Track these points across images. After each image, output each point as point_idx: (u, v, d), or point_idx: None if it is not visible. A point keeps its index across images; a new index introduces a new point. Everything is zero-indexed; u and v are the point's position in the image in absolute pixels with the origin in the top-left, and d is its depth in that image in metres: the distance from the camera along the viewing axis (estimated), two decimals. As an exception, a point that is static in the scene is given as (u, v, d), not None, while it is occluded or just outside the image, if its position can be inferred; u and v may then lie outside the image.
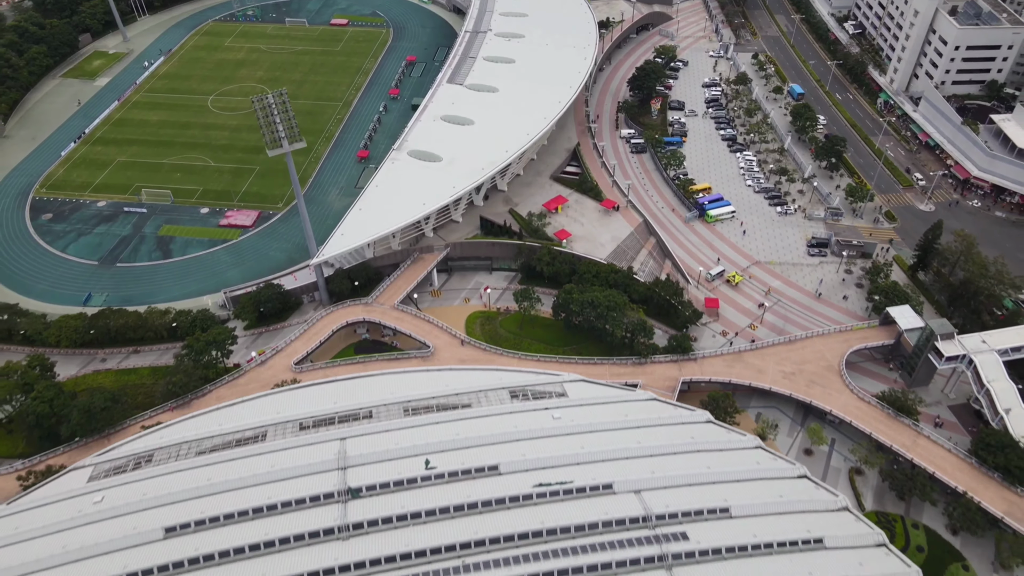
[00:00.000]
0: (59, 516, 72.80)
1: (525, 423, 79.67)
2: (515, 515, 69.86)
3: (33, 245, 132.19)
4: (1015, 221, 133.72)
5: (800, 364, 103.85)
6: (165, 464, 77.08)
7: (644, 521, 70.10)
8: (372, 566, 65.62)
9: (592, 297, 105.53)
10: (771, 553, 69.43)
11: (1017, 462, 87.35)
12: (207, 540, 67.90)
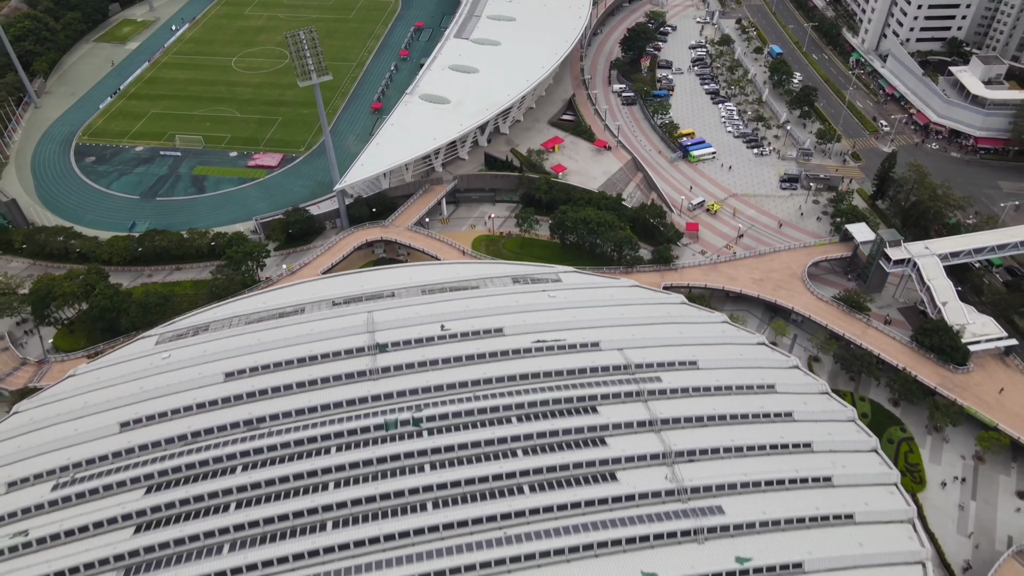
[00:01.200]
0: (134, 368, 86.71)
1: (525, 299, 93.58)
2: (517, 363, 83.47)
3: (80, 183, 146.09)
4: (968, 160, 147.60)
5: (768, 272, 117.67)
6: (220, 331, 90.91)
7: (625, 369, 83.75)
8: (398, 396, 79.33)
9: (585, 215, 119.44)
10: (729, 394, 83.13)
11: (949, 342, 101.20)
12: (260, 381, 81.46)
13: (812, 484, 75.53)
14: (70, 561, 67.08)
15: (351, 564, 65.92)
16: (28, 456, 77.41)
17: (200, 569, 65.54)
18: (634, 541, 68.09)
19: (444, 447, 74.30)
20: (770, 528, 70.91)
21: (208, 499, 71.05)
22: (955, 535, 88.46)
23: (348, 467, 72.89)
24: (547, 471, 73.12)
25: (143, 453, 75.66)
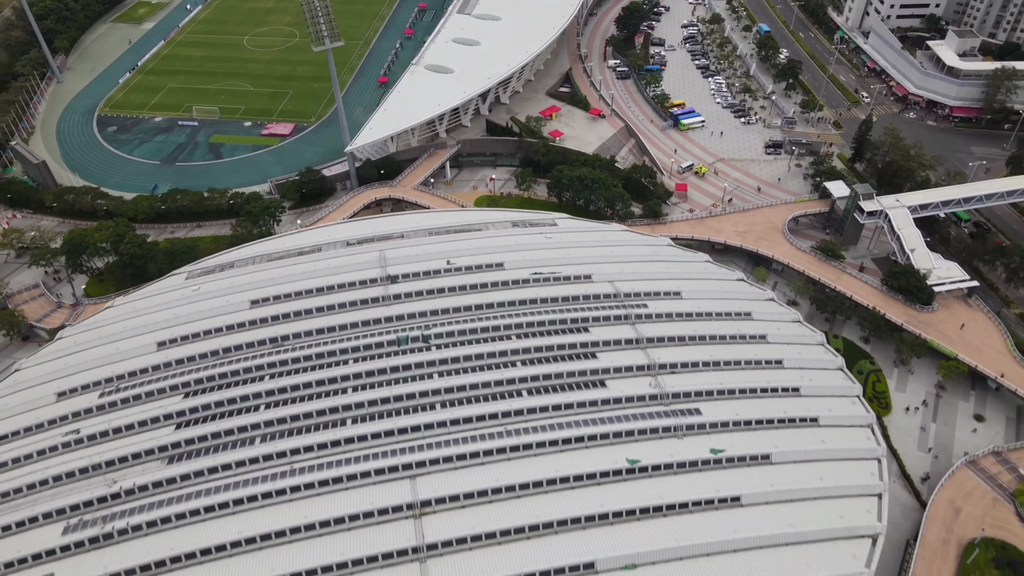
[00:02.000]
0: (167, 299, 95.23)
1: (524, 240, 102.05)
2: (516, 292, 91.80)
3: (103, 150, 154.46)
4: (943, 128, 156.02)
5: (750, 226, 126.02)
6: (244, 267, 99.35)
7: (615, 297, 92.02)
8: (408, 319, 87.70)
9: (580, 173, 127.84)
10: (709, 319, 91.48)
11: (916, 283, 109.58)
12: (282, 307, 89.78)
13: (782, 394, 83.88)
14: (119, 452, 75.50)
15: (368, 452, 74.19)
16: (74, 372, 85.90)
17: (234, 456, 73.88)
18: (620, 435, 76.38)
19: (451, 358, 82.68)
20: (742, 427, 79.13)
21: (240, 401, 79.43)
22: (916, 452, 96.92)
23: (364, 375, 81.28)
24: (543, 378, 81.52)
25: (179, 367, 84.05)
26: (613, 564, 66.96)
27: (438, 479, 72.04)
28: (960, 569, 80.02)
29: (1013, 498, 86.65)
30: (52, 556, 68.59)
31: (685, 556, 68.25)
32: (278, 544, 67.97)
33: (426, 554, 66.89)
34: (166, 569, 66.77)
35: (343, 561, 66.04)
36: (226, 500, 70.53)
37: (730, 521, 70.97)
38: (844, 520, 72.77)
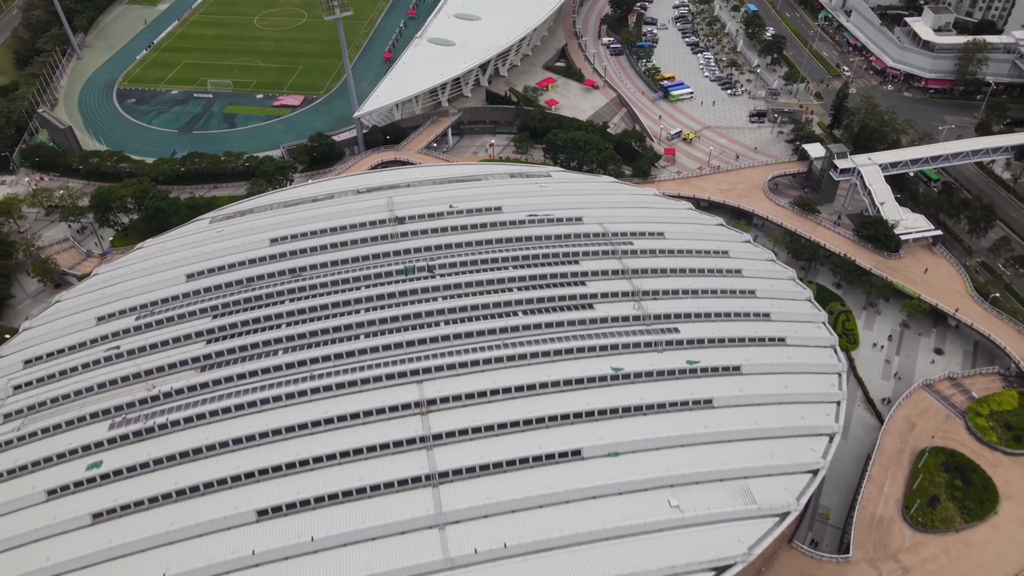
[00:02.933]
0: (193, 239, 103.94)
1: (520, 187, 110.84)
2: (512, 231, 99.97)
3: (123, 120, 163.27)
4: (919, 99, 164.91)
5: (733, 184, 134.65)
6: (263, 212, 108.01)
7: (603, 236, 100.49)
8: (415, 252, 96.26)
9: (574, 136, 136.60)
10: (690, 256, 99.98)
11: (884, 232, 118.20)
12: (299, 244, 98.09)
13: (753, 318, 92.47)
14: (156, 363, 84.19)
15: (379, 361, 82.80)
16: (112, 300, 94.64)
17: (259, 365, 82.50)
18: (606, 348, 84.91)
19: (453, 284, 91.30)
20: (716, 344, 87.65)
21: (263, 321, 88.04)
22: (880, 380, 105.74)
23: (375, 298, 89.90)
24: (536, 301, 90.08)
25: (207, 294, 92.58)
26: (597, 452, 75.59)
27: (442, 383, 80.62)
28: (912, 472, 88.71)
29: (963, 415, 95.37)
30: (100, 447, 77.23)
31: (661, 447, 76.81)
32: (300, 435, 76.56)
33: (432, 443, 75.51)
34: (202, 456, 75.39)
35: (359, 447, 74.76)
36: (253, 400, 79.21)
37: (702, 419, 79.64)
38: (805, 420, 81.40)
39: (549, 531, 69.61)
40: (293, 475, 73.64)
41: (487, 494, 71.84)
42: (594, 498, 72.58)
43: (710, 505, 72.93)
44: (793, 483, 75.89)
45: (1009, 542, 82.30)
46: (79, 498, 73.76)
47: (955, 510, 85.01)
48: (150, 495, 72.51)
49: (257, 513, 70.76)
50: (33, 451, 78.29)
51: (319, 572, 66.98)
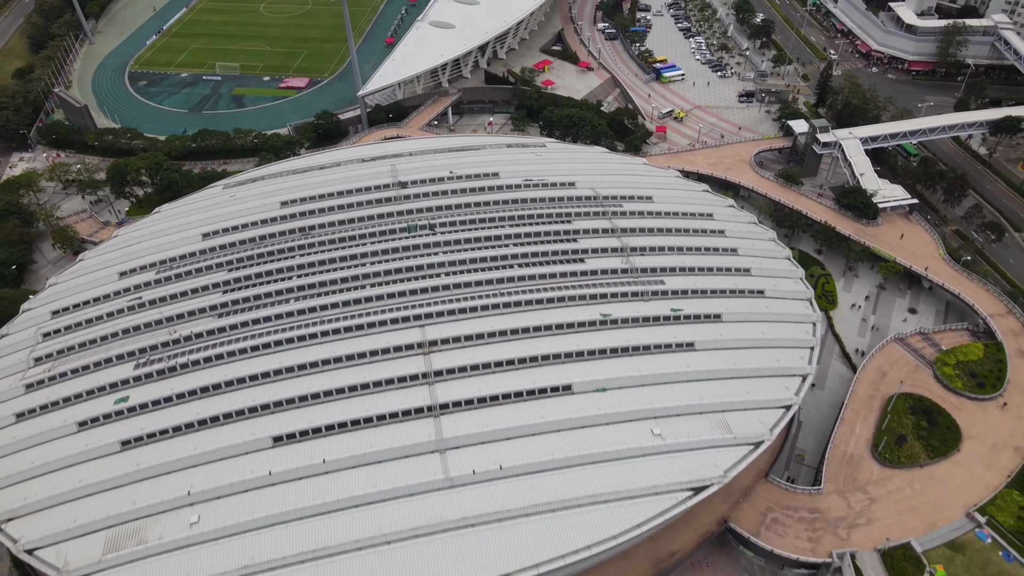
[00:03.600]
0: (208, 203, 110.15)
1: (516, 156, 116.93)
2: (509, 194, 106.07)
3: (135, 100, 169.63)
4: (903, 81, 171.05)
5: (721, 159, 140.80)
6: (273, 179, 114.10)
7: (594, 199, 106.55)
8: (417, 212, 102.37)
9: (568, 112, 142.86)
10: (676, 217, 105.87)
11: (863, 200, 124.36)
12: (308, 206, 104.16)
13: (735, 272, 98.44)
14: (176, 311, 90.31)
15: (384, 307, 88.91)
16: (132, 257, 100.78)
17: (273, 311, 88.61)
18: (595, 297, 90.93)
19: (453, 240, 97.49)
20: (699, 295, 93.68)
21: (276, 273, 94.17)
22: (856, 337, 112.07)
23: (380, 253, 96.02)
24: (531, 256, 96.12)
25: (223, 251, 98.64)
26: (586, 387, 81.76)
27: (443, 327, 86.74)
28: (881, 416, 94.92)
29: (932, 365, 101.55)
30: (126, 385, 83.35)
31: (645, 384, 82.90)
32: (312, 373, 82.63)
33: (433, 379, 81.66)
34: (221, 391, 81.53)
35: (366, 382, 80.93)
36: (268, 342, 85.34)
37: (684, 360, 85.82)
38: (780, 363, 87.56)
39: (541, 455, 75.85)
40: (305, 407, 79.79)
41: (484, 423, 78.05)
42: (583, 428, 78.75)
43: (690, 434, 79.13)
44: (767, 416, 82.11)
45: (970, 476, 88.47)
46: (108, 429, 79.96)
47: (920, 448, 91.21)
48: (174, 424, 78.77)
49: (273, 439, 76.99)
50: (64, 389, 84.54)
51: (330, 490, 73.18)
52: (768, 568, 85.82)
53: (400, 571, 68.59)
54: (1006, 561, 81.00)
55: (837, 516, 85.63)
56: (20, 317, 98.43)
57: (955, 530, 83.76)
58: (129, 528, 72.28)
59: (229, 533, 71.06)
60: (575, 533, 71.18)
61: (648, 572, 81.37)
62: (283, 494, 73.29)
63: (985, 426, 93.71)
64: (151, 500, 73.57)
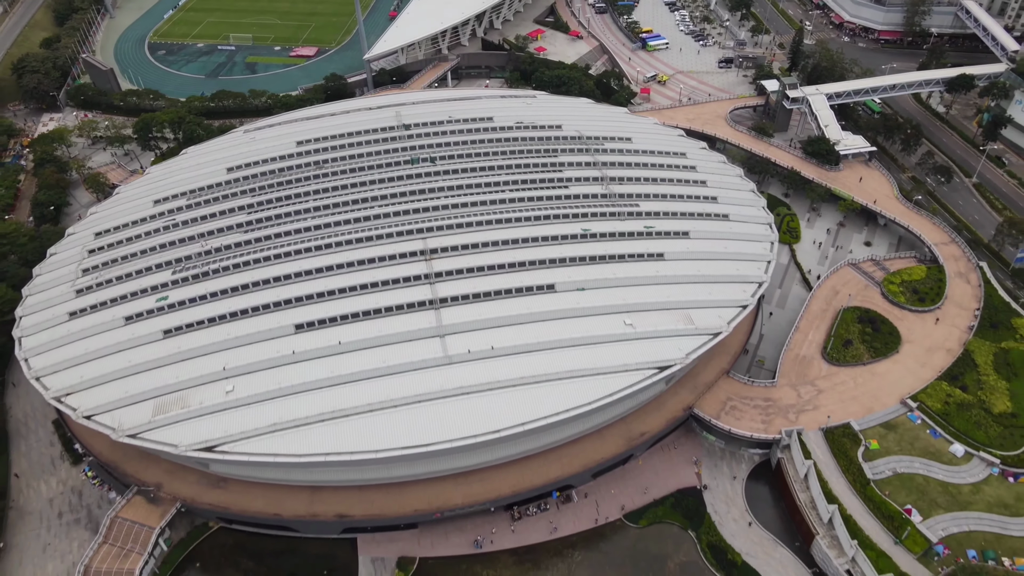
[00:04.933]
0: (230, 143, 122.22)
1: (509, 103, 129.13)
2: (502, 134, 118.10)
3: (156, 68, 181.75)
4: (873, 49, 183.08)
5: (700, 115, 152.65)
6: (288, 123, 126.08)
7: (579, 139, 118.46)
8: (419, 149, 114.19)
9: (558, 72, 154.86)
10: (653, 154, 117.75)
11: (826, 148, 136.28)
12: (321, 144, 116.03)
13: (703, 200, 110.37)
14: (206, 228, 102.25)
15: (390, 223, 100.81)
16: (165, 188, 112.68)
17: (293, 226, 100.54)
18: (577, 216, 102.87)
19: (451, 169, 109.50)
20: (670, 217, 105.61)
21: (294, 197, 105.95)
22: (816, 265, 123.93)
23: (386, 180, 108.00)
24: (521, 183, 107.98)
25: (246, 181, 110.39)
26: (567, 287, 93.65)
27: (442, 238, 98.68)
28: (832, 325, 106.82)
29: (880, 284, 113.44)
30: (166, 287, 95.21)
31: (620, 285, 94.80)
32: (327, 275, 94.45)
33: (434, 280, 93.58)
34: (249, 290, 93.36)
35: (375, 282, 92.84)
36: (288, 251, 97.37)
37: (654, 267, 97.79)
38: (739, 271, 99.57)
39: (527, 339, 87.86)
40: (323, 302, 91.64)
41: (478, 314, 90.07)
42: (564, 319, 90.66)
43: (657, 325, 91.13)
44: (726, 313, 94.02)
45: (906, 371, 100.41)
46: (151, 321, 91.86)
47: (864, 350, 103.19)
48: (209, 316, 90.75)
49: (295, 327, 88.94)
50: (110, 292, 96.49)
51: (346, 366, 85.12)
52: (727, 450, 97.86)
53: (404, 428, 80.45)
54: (932, 437, 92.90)
55: (788, 404, 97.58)
56: (66, 239, 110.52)
57: (889, 414, 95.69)
58: (173, 397, 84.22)
59: (259, 399, 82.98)
60: (556, 400, 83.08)
61: (621, 447, 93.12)
62: (304, 369, 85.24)
63: (922, 333, 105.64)
64: (191, 375, 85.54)
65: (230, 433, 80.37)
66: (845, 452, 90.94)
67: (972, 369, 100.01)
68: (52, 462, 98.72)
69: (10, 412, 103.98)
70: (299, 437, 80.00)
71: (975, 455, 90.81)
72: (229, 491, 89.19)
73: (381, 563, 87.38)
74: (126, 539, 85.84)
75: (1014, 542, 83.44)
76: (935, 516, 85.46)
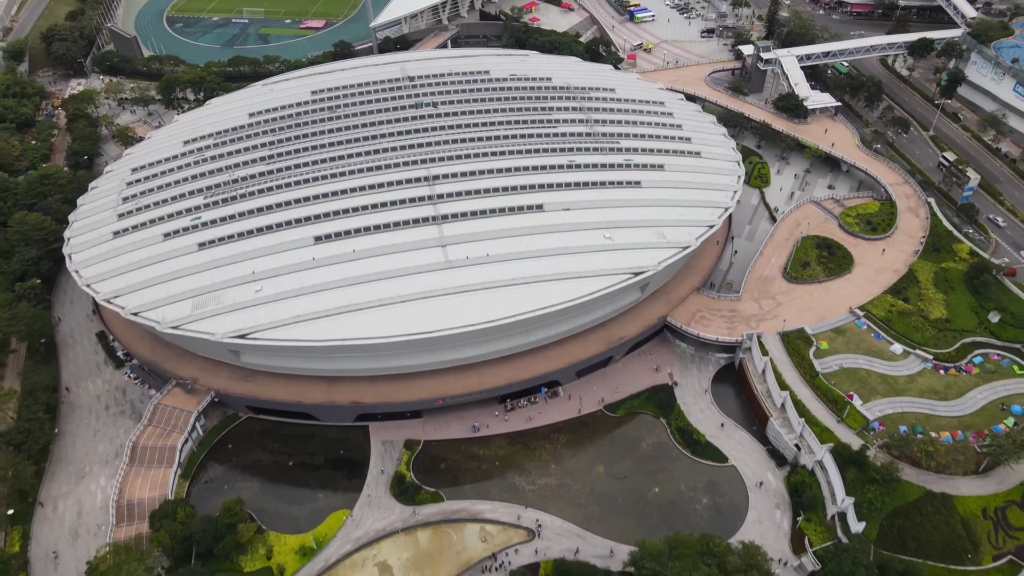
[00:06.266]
0: (251, 94, 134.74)
1: (504, 59, 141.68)
2: (497, 84, 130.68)
3: (174, 39, 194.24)
4: (846, 20, 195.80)
5: (680, 77, 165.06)
6: (303, 77, 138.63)
7: (567, 88, 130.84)
8: (422, 96, 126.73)
9: (551, 38, 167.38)
10: (634, 103, 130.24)
11: (795, 103, 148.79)
12: (335, 93, 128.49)
13: (678, 140, 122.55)
14: (232, 162, 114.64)
15: (397, 156, 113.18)
16: (193, 131, 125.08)
17: (310, 158, 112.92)
18: (564, 150, 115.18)
19: (452, 112, 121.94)
20: (648, 153, 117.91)
21: (310, 136, 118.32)
22: (784, 206, 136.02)
23: (393, 120, 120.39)
24: (514, 123, 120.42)
25: (266, 124, 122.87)
26: (554, 207, 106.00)
27: (444, 167, 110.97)
28: (793, 250, 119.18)
29: (837, 217, 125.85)
30: (199, 209, 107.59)
31: (601, 206, 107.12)
32: (342, 197, 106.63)
33: (436, 200, 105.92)
34: (272, 211, 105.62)
35: (384, 201, 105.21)
36: (307, 178, 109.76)
37: (632, 192, 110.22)
38: (708, 198, 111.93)
39: (518, 248, 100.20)
40: (338, 219, 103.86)
41: (476, 228, 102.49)
42: (551, 233, 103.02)
43: (633, 239, 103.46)
44: (695, 231, 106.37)
45: (856, 288, 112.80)
46: (187, 237, 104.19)
47: (821, 270, 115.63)
48: (239, 231, 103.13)
49: (314, 238, 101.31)
50: (150, 214, 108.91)
51: (359, 269, 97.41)
52: (697, 355, 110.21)
53: (410, 318, 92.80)
54: (876, 340, 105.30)
55: (750, 314, 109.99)
56: (104, 175, 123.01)
57: (839, 321, 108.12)
58: (209, 296, 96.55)
59: (284, 297, 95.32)
60: (543, 296, 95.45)
61: (602, 348, 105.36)
62: (323, 272, 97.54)
63: (873, 256, 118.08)
64: (224, 278, 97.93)
65: (259, 323, 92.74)
66: (798, 351, 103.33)
67: (915, 285, 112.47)
68: (97, 367, 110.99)
69: (58, 327, 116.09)
70: (318, 326, 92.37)
71: (912, 353, 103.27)
72: (256, 383, 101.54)
73: (391, 444, 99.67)
74: (168, 422, 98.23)
75: (940, 420, 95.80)
76: (874, 401, 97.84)
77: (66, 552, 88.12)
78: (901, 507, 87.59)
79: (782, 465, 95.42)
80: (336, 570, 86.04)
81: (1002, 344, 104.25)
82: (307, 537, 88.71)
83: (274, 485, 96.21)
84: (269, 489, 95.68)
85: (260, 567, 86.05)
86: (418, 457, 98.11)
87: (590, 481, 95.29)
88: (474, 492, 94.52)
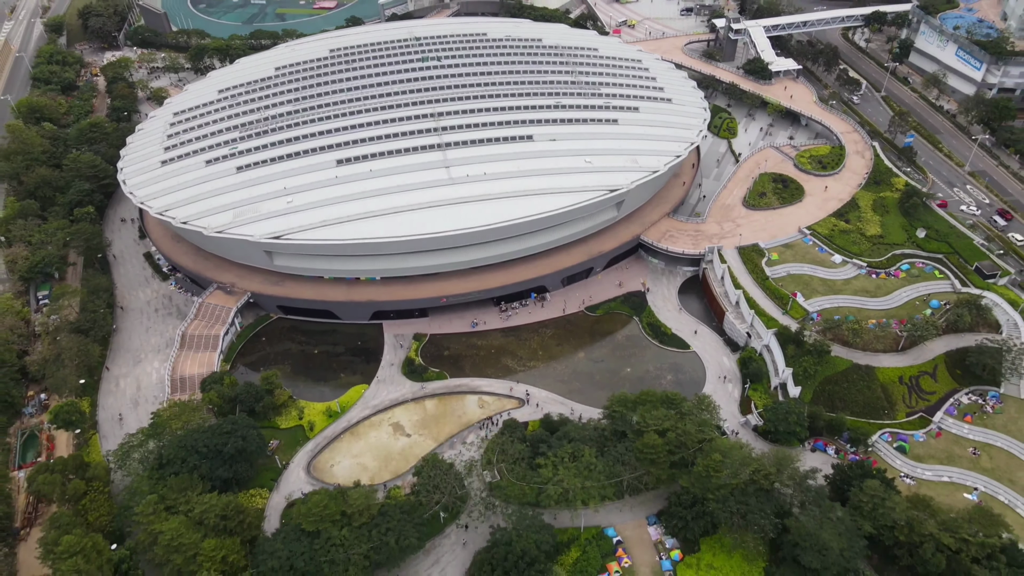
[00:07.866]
0: (276, 53, 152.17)
1: (500, 24, 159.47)
2: (494, 44, 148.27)
3: (199, 17, 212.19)
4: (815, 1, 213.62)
5: (659, 47, 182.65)
6: (321, 39, 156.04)
7: (555, 47, 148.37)
8: (429, 59, 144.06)
9: (543, 11, 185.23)
10: (614, 60, 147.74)
11: (760, 67, 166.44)
12: (351, 51, 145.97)
13: (652, 88, 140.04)
14: (262, 104, 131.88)
15: (407, 99, 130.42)
16: (226, 82, 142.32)
17: (330, 99, 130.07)
18: (551, 94, 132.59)
19: (454, 64, 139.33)
20: (626, 99, 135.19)
21: (331, 83, 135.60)
22: (746, 148, 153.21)
23: (402, 71, 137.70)
24: (509, 72, 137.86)
25: (291, 75, 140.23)
26: (542, 137, 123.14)
27: (448, 106, 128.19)
28: (752, 185, 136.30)
29: (792, 158, 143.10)
30: (235, 142, 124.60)
31: (583, 138, 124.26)
32: (360, 129, 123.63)
33: (441, 132, 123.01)
34: (300, 140, 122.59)
35: (396, 132, 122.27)
36: (329, 114, 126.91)
37: (610, 128, 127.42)
38: (677, 134, 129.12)
39: (511, 169, 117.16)
40: (356, 147, 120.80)
41: (474, 152, 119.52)
42: (539, 157, 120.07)
43: (611, 164, 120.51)
44: (664, 159, 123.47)
45: (804, 213, 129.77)
46: (226, 163, 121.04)
47: (775, 199, 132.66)
48: (271, 157, 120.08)
49: (336, 161, 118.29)
50: (192, 147, 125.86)
51: (375, 184, 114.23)
52: (667, 269, 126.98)
53: (419, 222, 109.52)
54: (820, 252, 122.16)
55: (713, 233, 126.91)
56: (148, 120, 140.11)
57: (789, 238, 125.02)
58: (247, 208, 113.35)
59: (312, 206, 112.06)
60: (532, 207, 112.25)
61: (583, 259, 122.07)
62: (344, 187, 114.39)
63: (821, 189, 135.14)
64: (260, 193, 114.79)
65: (291, 227, 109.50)
66: (752, 261, 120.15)
67: (856, 210, 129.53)
68: (146, 279, 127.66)
69: (110, 248, 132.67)
70: (342, 229, 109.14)
71: (849, 261, 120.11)
72: (285, 286, 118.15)
73: (401, 337, 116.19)
74: (211, 317, 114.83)
75: (869, 312, 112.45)
76: (814, 299, 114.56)
77: (129, 415, 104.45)
78: (831, 376, 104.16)
79: (736, 351, 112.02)
80: (357, 428, 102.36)
81: (927, 255, 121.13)
82: (332, 403, 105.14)
83: (303, 367, 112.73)
84: (299, 370, 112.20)
85: (293, 424, 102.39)
86: (425, 347, 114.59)
87: (572, 363, 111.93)
88: (473, 372, 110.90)
